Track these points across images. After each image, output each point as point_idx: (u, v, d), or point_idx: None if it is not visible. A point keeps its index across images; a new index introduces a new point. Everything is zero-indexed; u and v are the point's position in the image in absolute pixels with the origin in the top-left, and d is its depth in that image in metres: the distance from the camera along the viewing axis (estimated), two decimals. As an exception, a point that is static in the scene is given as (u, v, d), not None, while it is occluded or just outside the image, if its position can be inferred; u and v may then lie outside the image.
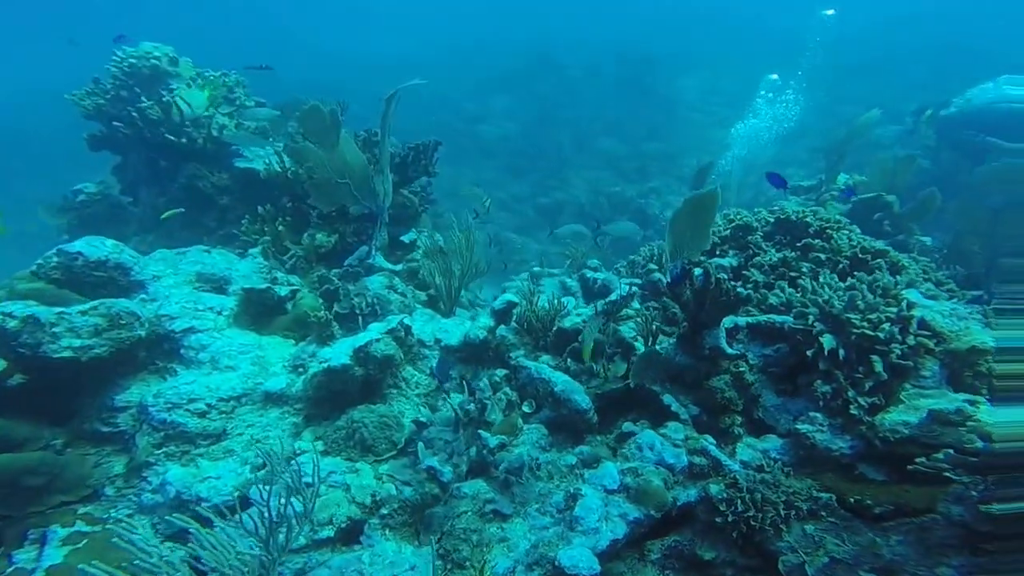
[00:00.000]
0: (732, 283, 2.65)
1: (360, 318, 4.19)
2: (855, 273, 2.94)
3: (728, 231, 3.83)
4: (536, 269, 6.59)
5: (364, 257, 4.73)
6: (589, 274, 5.11)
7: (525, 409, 3.35)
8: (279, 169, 5.01)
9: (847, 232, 3.35)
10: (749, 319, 2.81)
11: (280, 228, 4.75)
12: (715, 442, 2.55)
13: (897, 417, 2.05)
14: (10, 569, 2.37)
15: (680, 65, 17.49)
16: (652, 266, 4.24)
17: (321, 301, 4.21)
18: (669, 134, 13.82)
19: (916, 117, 7.04)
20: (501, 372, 3.67)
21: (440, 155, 5.46)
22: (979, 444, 1.53)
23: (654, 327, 3.16)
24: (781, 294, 2.82)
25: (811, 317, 2.49)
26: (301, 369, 3.67)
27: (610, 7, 26.45)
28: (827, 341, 2.38)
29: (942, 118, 7.51)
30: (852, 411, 2.17)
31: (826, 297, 2.52)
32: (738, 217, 3.87)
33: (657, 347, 3.19)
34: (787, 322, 2.64)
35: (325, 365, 3.38)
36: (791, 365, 2.63)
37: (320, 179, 4.31)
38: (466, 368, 3.90)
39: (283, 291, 4.23)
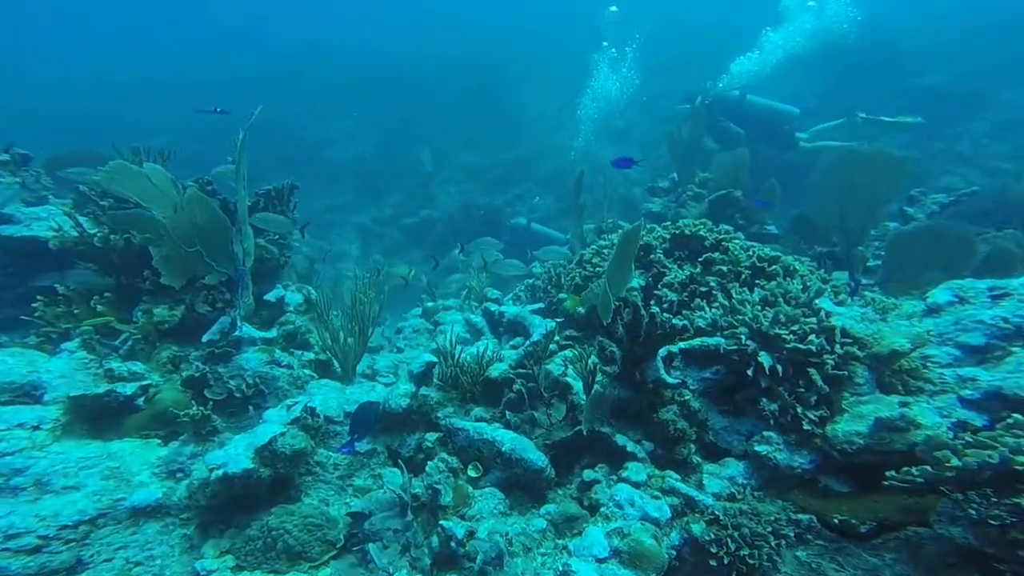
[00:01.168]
0: (666, 315, 2.67)
1: (247, 404, 3.53)
2: (760, 283, 3.18)
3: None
4: (430, 304, 6.25)
5: (228, 330, 3.99)
6: (493, 307, 4.93)
7: (471, 473, 3.07)
8: (76, 235, 4.02)
9: (738, 241, 3.62)
10: (683, 344, 2.86)
11: (98, 308, 3.81)
12: (679, 477, 2.55)
13: (847, 427, 2.21)
14: None
15: (518, 74, 18.14)
16: (561, 295, 4.20)
17: (186, 392, 3.45)
18: (521, 142, 14.23)
19: (691, 105, 7.66)
20: (432, 436, 3.33)
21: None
22: (955, 462, 1.67)
23: (591, 364, 3.09)
24: (705, 315, 2.91)
25: (743, 337, 2.60)
26: (181, 474, 3.02)
27: (435, 19, 26.52)
28: (765, 359, 2.49)
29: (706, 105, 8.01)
30: (805, 427, 2.29)
31: (751, 315, 2.66)
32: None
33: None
34: (720, 344, 2.73)
35: (220, 472, 2.76)
36: (729, 385, 2.73)
37: (166, 251, 3.52)
38: (390, 438, 3.48)
39: (129, 389, 3.40)
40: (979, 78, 12.50)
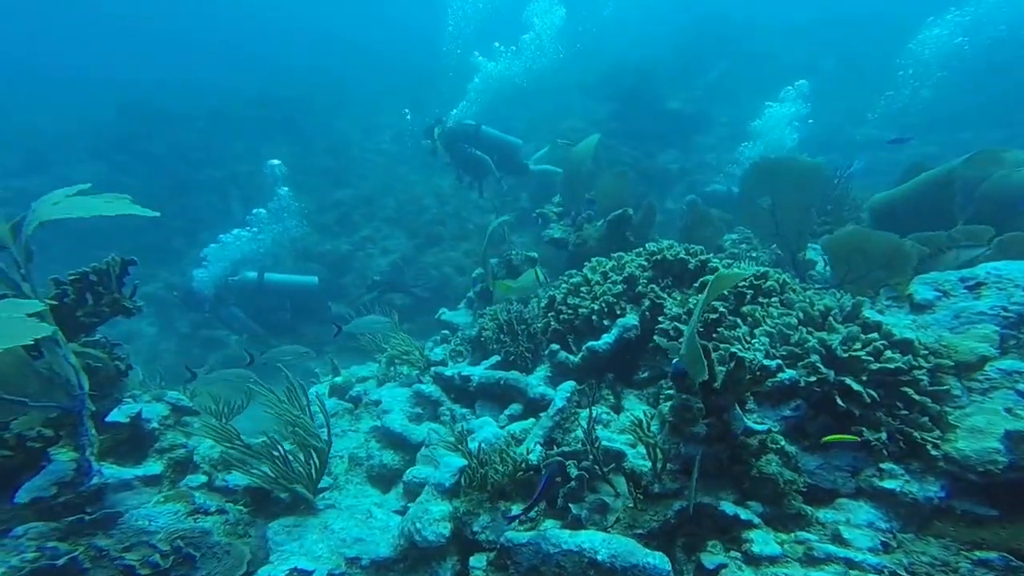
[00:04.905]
0: (754, 358, 2.43)
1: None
2: (765, 301, 3.17)
3: (621, 287, 3.65)
4: (339, 380, 5.05)
5: (74, 478, 2.58)
6: (448, 371, 4.16)
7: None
8: None
9: (717, 259, 3.61)
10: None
11: None
12: (817, 537, 2.31)
13: (974, 445, 2.21)
14: None
15: (329, 108, 16.81)
16: (554, 346, 3.69)
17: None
18: (354, 178, 13.06)
19: (429, 135, 7.76)
20: (481, 560, 2.55)
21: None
22: None
23: (661, 431, 2.67)
24: (757, 346, 2.76)
25: (819, 365, 2.51)
26: None
27: (211, 47, 23.41)
28: (855, 386, 2.42)
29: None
30: (932, 452, 2.25)
31: (815, 340, 2.59)
32: (622, 267, 3.73)
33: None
34: (793, 376, 2.60)
35: None
36: (802, 420, 2.60)
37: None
38: (415, 576, 2.56)
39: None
40: (700, 102, 14.70)
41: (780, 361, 2.33)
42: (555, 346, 3.69)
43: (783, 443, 2.53)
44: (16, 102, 17.86)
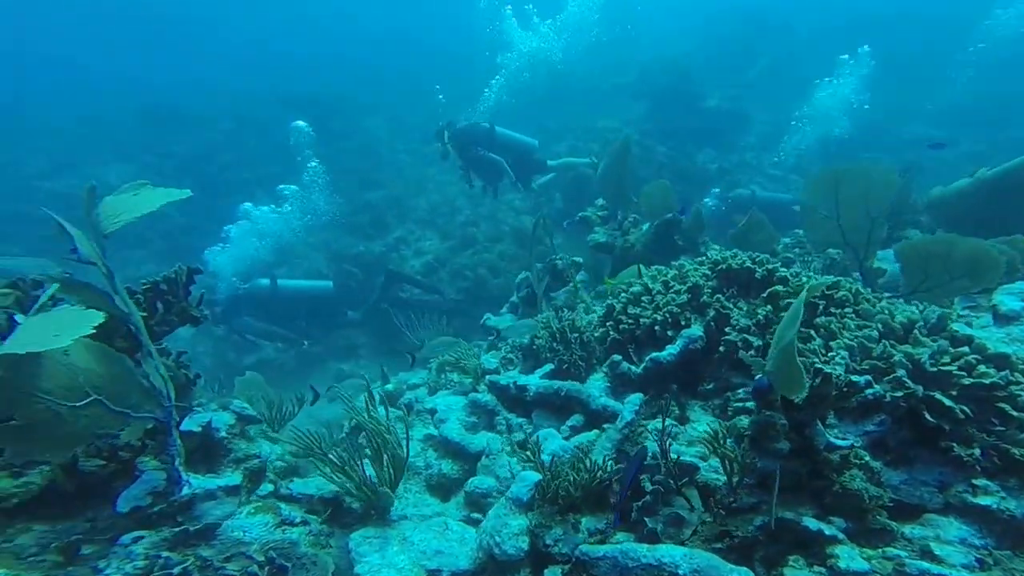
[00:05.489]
0: (844, 373, 2.40)
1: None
2: (839, 312, 3.11)
3: (685, 296, 3.62)
4: (389, 387, 5.14)
5: (166, 488, 2.67)
6: (503, 380, 4.18)
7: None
8: None
9: (786, 269, 3.55)
10: (834, 398, 2.61)
11: None
12: (907, 553, 2.27)
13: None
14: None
15: (359, 106, 16.98)
16: (616, 357, 3.67)
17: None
18: (385, 180, 13.19)
19: (439, 138, 7.69)
20: (555, 572, 2.56)
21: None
22: None
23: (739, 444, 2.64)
24: (838, 360, 2.71)
25: (906, 380, 2.45)
26: None
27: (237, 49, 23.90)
28: (947, 402, 2.37)
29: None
30: (1033, 469, 2.19)
31: (899, 355, 2.53)
32: (685, 277, 3.70)
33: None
34: (878, 392, 2.55)
35: None
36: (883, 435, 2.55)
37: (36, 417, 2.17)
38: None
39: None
40: (739, 101, 14.46)
41: (869, 377, 2.29)
42: (617, 357, 3.68)
43: (867, 458, 2.49)
44: (38, 103, 18.37)
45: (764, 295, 3.40)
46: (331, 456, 2.88)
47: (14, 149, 14.37)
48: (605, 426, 3.46)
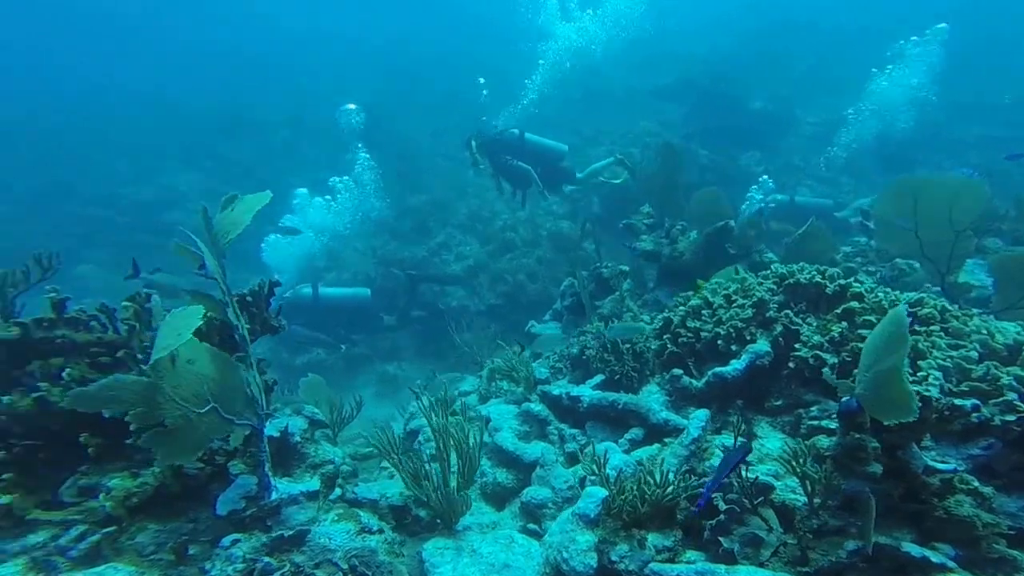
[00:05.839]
0: (936, 393, 2.29)
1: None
2: (925, 329, 2.96)
3: (750, 311, 3.53)
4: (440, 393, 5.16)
5: (257, 493, 2.74)
6: (556, 390, 4.15)
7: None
8: None
9: (861, 285, 3.41)
10: (929, 420, 2.49)
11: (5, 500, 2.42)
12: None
13: None
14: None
15: (402, 110, 17.22)
16: (676, 371, 3.61)
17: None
18: (426, 184, 13.34)
19: (470, 146, 7.62)
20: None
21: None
22: None
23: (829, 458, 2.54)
24: (933, 382, 2.59)
25: (1020, 405, 2.32)
26: None
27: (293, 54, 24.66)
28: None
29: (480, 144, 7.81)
30: None
31: (1007, 378, 2.39)
32: (749, 291, 3.60)
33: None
34: (985, 415, 2.41)
35: None
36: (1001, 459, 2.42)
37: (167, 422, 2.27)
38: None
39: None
40: (785, 101, 14.02)
41: (976, 401, 2.17)
42: (678, 371, 3.61)
43: (976, 483, 2.36)
44: (125, 114, 19.29)
45: (838, 311, 3.27)
46: (403, 460, 2.91)
47: (105, 157, 15.25)
48: (666, 440, 3.40)
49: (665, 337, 3.92)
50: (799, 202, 8.66)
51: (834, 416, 2.80)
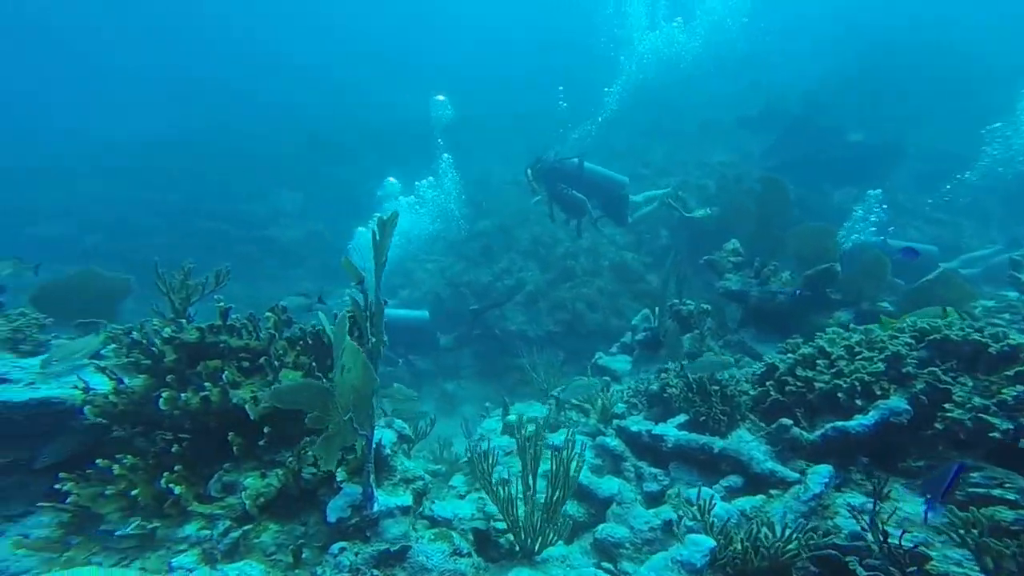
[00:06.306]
0: None
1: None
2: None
3: (880, 365, 3.19)
4: (511, 418, 5.00)
5: (362, 503, 2.68)
6: (635, 427, 3.92)
7: None
8: (114, 400, 2.70)
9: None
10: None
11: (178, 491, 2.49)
12: None
13: None
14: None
15: (476, 135, 17.61)
16: (785, 422, 3.31)
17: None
18: (494, 209, 13.43)
19: (527, 174, 7.56)
20: None
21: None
22: None
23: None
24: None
25: None
26: None
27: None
28: None
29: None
30: None
31: None
32: (875, 344, 3.27)
33: None
34: None
35: None
36: None
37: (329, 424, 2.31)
38: None
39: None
40: (888, 133, 12.85)
41: None
42: (787, 421, 3.31)
43: None
44: (239, 134, 20.92)
45: (1010, 373, 2.89)
46: (497, 487, 2.80)
47: (224, 175, 16.69)
48: (773, 492, 3.10)
49: (768, 384, 3.63)
50: (893, 245, 7.95)
51: (1007, 485, 2.45)
